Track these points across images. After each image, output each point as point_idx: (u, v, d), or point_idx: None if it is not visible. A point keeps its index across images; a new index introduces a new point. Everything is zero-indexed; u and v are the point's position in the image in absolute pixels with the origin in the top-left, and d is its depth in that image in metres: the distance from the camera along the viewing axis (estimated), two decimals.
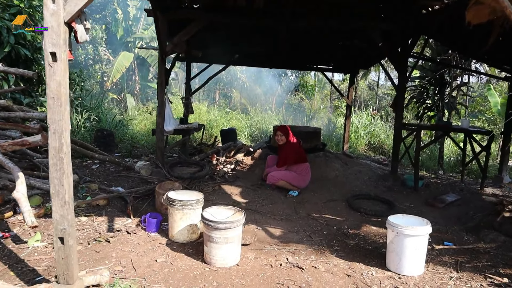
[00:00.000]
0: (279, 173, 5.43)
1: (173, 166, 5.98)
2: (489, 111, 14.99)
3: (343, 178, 6.18)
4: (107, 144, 7.66)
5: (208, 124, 11.42)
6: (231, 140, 8.41)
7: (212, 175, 5.99)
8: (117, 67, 17.57)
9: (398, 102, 5.83)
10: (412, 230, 3.07)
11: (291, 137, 5.53)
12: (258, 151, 6.92)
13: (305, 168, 5.50)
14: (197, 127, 6.74)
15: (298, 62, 7.93)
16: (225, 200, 5.08)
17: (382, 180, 6.21)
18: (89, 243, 3.51)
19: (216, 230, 3.11)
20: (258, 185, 5.74)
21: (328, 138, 11.20)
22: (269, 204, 5.02)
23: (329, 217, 4.63)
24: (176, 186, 4.62)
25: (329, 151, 7.13)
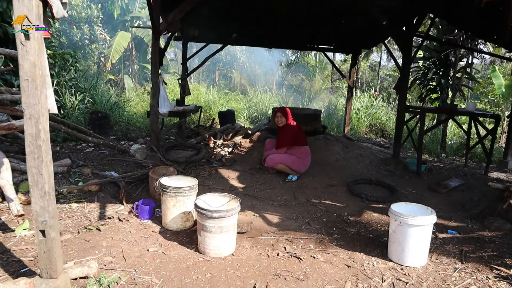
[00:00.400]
0: (278, 157, 5.27)
1: (168, 149, 5.81)
2: (492, 93, 14.70)
3: (344, 162, 6.02)
4: (102, 127, 7.47)
5: (206, 106, 11.20)
6: (230, 122, 8.21)
7: (209, 158, 5.83)
8: (115, 47, 17.16)
9: (402, 84, 5.60)
10: (416, 220, 2.92)
11: (290, 120, 5.35)
12: (257, 134, 6.74)
13: (305, 152, 5.34)
14: (194, 109, 6.54)
15: (299, 42, 7.65)
16: (222, 184, 4.93)
17: (384, 164, 6.05)
18: (79, 231, 3.37)
19: (210, 219, 2.97)
20: (256, 169, 5.59)
21: (328, 120, 11.00)
22: (267, 189, 4.88)
23: (329, 203, 4.49)
24: (170, 171, 4.46)
25: (329, 134, 6.94)
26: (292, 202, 4.49)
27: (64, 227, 3.43)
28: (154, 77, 5.21)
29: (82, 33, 15.70)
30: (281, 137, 5.35)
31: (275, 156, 5.27)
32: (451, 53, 7.89)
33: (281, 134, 5.37)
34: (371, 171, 5.76)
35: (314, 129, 6.51)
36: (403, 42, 5.44)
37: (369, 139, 10.29)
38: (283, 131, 5.34)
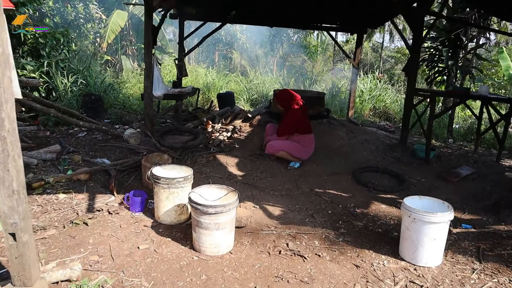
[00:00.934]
0: (279, 143, 4.98)
1: (164, 134, 5.52)
2: (496, 75, 14.25)
3: (348, 148, 5.72)
4: (95, 110, 7.15)
5: (205, 87, 10.83)
6: (229, 105, 7.89)
7: (206, 144, 5.54)
8: (111, 27, 16.55)
9: (412, 66, 5.25)
10: (432, 217, 2.65)
11: (293, 103, 5.02)
12: (257, 118, 6.43)
13: (309, 139, 5.04)
14: (191, 91, 6.20)
15: (301, 20, 7.22)
16: (220, 172, 4.67)
17: (391, 150, 5.76)
18: (64, 226, 3.12)
19: (205, 214, 2.70)
20: (257, 155, 5.31)
21: (331, 102, 10.65)
22: (268, 177, 4.61)
23: (333, 193, 4.23)
24: (164, 159, 4.18)
25: (333, 117, 6.63)
26: (294, 191, 4.23)
27: (49, 221, 3.18)
28: (148, 57, 4.87)
29: (76, 12, 15.13)
30: (282, 123, 5.05)
31: (276, 142, 4.98)
32: (461, 33, 7.49)
33: (283, 120, 5.06)
34: (377, 158, 5.48)
35: (317, 112, 6.19)
36: (414, 20, 5.06)
37: (373, 122, 9.97)
38: (285, 117, 5.04)
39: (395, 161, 5.41)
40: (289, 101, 5.08)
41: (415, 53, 5.22)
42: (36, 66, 7.07)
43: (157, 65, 4.92)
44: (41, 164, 4.62)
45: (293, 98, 5.06)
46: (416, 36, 5.10)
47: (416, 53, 5.20)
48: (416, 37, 5.10)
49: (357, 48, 7.44)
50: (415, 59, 5.21)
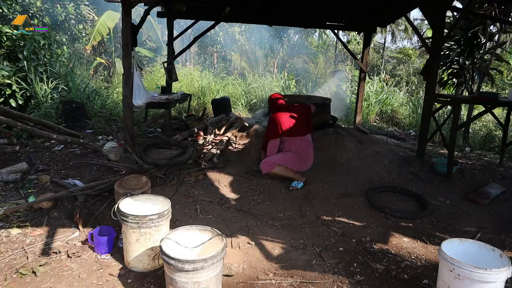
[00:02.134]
0: (273, 158, 4.35)
1: (148, 148, 4.84)
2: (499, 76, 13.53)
3: (359, 162, 5.04)
4: (76, 119, 6.50)
5: (200, 92, 10.15)
6: (224, 112, 7.22)
7: (196, 159, 4.87)
8: (98, 28, 15.86)
9: (432, 68, 4.57)
10: (485, 274, 1.96)
11: (274, 107, 4.65)
12: (255, 127, 5.75)
13: (304, 143, 4.44)
14: (180, 98, 5.52)
15: (303, 18, 6.55)
16: (211, 194, 4.00)
17: (407, 165, 5.08)
18: (6, 277, 2.45)
19: (181, 272, 2.03)
20: (254, 172, 4.64)
21: (335, 108, 9.96)
22: (266, 200, 3.93)
23: (344, 222, 3.54)
24: (142, 182, 3.50)
25: (340, 126, 5.95)
26: (298, 220, 3.55)
27: None
28: (126, 60, 4.20)
29: (67, 12, 14.49)
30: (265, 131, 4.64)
31: (269, 158, 4.34)
32: (479, 31, 6.80)
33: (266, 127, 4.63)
34: (392, 174, 4.79)
35: (322, 121, 5.52)
36: (436, 16, 4.39)
37: (381, 128, 9.28)
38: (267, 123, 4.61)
39: (413, 178, 4.72)
40: (271, 106, 4.68)
41: (435, 54, 4.54)
42: (12, 71, 6.41)
43: (137, 70, 4.26)
44: (1, 186, 3.97)
45: (274, 101, 4.64)
46: (438, 35, 4.42)
47: (437, 54, 4.52)
48: (437, 35, 4.42)
49: (365, 48, 6.75)
50: (436, 61, 4.52)
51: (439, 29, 4.40)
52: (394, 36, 40.11)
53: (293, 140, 4.33)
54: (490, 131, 7.79)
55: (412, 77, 23.79)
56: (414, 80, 22.62)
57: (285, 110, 4.50)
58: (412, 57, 29.70)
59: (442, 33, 4.44)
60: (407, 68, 27.07)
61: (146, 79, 11.73)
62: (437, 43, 4.48)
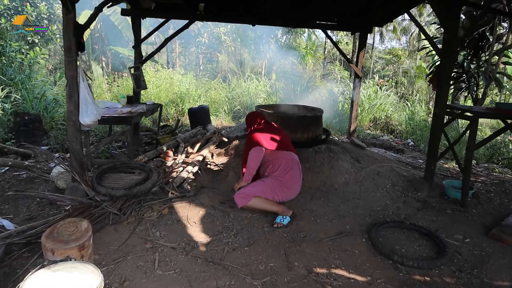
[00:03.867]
0: (248, 188, 3.50)
1: (104, 174, 4.00)
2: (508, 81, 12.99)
3: (357, 186, 4.28)
4: (30, 134, 5.61)
5: (178, 98, 9.28)
6: (202, 123, 6.40)
7: (163, 185, 4.04)
8: None
9: (444, 74, 3.82)
10: None
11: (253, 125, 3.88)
12: (235, 143, 4.94)
13: (288, 163, 3.56)
14: (145, 111, 4.67)
15: (291, 17, 5.76)
16: (175, 236, 3.19)
17: (413, 189, 4.33)
18: None
19: None
20: (231, 202, 3.83)
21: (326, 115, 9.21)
22: (244, 245, 3.12)
23: (344, 276, 2.76)
24: (81, 231, 2.66)
25: (333, 141, 5.17)
26: (284, 275, 2.75)
27: None
28: (69, 69, 3.35)
29: (38, 11, 13.47)
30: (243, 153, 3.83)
31: (243, 189, 3.50)
32: (486, 31, 6.11)
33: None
34: (396, 202, 4.03)
35: (313, 137, 4.74)
36: (448, 11, 3.64)
37: (375, 137, 8.56)
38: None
39: (422, 207, 3.97)
40: (249, 123, 3.93)
41: (447, 58, 3.79)
42: None
43: (84, 80, 3.41)
44: None
45: (252, 119, 3.91)
46: (449, 33, 3.68)
47: (449, 57, 3.77)
48: (450, 35, 3.67)
49: (360, 51, 5.99)
50: (448, 66, 3.78)
51: (452, 28, 3.65)
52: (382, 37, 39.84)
53: (276, 157, 3.52)
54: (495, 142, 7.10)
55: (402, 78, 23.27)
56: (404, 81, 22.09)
57: (267, 128, 3.71)
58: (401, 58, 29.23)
59: (456, 32, 3.69)
60: (396, 68, 26.65)
61: (122, 84, 10.81)
62: (450, 45, 3.73)
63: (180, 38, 21.43)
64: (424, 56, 28.88)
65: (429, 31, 20.36)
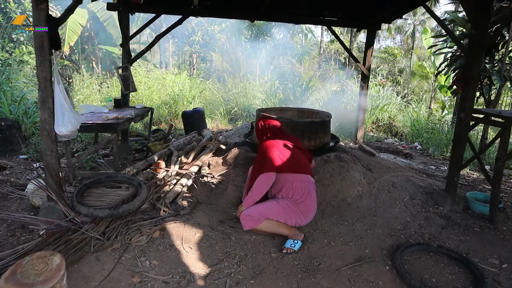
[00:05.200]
0: (258, 209, 3.00)
1: (86, 189, 3.51)
2: None
3: (371, 200, 3.83)
4: (6, 141, 5.10)
5: (171, 100, 8.78)
6: (197, 128, 5.92)
7: (154, 201, 3.56)
8: (70, 26, 14.32)
9: (472, 75, 3.39)
10: None
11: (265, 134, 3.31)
12: (234, 151, 4.47)
13: (303, 185, 3.04)
14: (134, 116, 4.16)
15: (294, 12, 5.27)
16: (168, 266, 2.71)
17: (433, 203, 3.89)
18: None
19: None
20: (231, 222, 3.38)
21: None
22: (249, 277, 2.65)
23: None
24: (51, 269, 2.19)
25: (341, 148, 4.72)
26: None
27: None
28: (42, 69, 2.86)
29: (23, 9, 12.86)
30: (252, 167, 3.27)
31: (253, 209, 2.99)
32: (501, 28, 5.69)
33: (254, 161, 3.29)
34: (417, 219, 3.58)
35: (321, 144, 4.29)
36: (479, 4, 3.21)
37: (379, 140, 8.14)
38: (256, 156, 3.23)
39: (446, 224, 3.53)
40: (261, 131, 3.34)
41: (477, 56, 3.35)
42: None
43: (60, 84, 2.92)
44: None
45: (265, 125, 3.33)
46: (481, 30, 3.24)
47: (479, 56, 3.34)
48: (480, 31, 3.24)
49: (368, 49, 5.55)
50: (477, 65, 3.34)
51: (483, 23, 3.22)
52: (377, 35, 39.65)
53: (291, 180, 3.02)
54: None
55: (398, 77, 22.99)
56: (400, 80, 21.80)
57: (281, 137, 3.21)
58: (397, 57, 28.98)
59: (486, 26, 3.26)
60: (391, 67, 26.42)
61: (113, 85, 10.28)
62: (480, 42, 3.29)
63: (173, 37, 20.88)
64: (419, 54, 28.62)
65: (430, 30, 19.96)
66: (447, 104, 12.66)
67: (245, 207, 3.02)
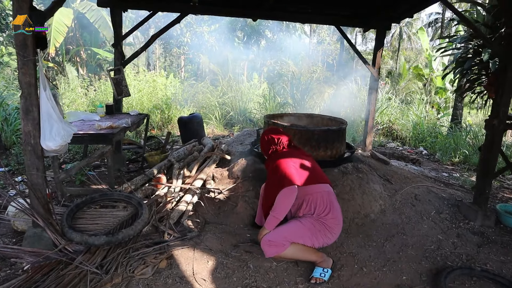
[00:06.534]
0: (279, 232, 2.58)
1: (78, 210, 3.06)
2: None
3: (397, 216, 3.49)
4: None
5: (164, 105, 8.31)
6: (195, 135, 5.50)
7: (156, 223, 3.14)
8: (55, 27, 13.67)
9: (508, 78, 3.09)
10: None
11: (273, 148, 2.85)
12: (241, 162, 4.07)
13: (324, 197, 2.65)
14: (130, 125, 3.70)
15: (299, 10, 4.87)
16: None
17: (461, 217, 3.58)
18: None
19: None
20: (247, 245, 2.98)
21: None
22: None
23: None
24: None
25: (356, 157, 4.37)
26: None
27: None
28: (24, 73, 2.42)
29: (2, 7, 12.18)
30: (266, 188, 2.79)
31: (275, 234, 2.57)
32: None
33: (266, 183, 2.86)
34: (450, 237, 3.25)
35: (338, 154, 3.93)
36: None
37: (382, 145, 7.86)
38: (268, 175, 2.81)
39: (481, 241, 3.21)
40: (268, 147, 2.87)
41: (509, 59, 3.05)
42: None
43: (47, 89, 2.48)
44: None
45: (273, 141, 2.85)
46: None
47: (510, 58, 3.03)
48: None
49: (378, 50, 5.23)
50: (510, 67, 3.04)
51: None
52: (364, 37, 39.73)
53: (310, 192, 2.62)
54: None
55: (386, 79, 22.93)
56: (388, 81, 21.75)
57: (296, 156, 2.78)
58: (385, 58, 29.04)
59: None
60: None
61: (100, 88, 9.74)
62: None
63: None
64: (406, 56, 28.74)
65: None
66: (442, 106, 12.54)
67: (268, 230, 2.63)
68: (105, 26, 13.63)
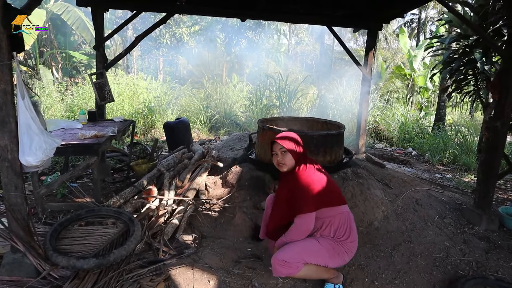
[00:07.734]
0: (295, 252, 2.34)
1: (64, 229, 2.78)
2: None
3: (400, 222, 3.37)
4: None
5: (147, 109, 7.99)
6: (182, 141, 5.25)
7: (150, 240, 2.89)
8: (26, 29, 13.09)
9: (510, 80, 3.01)
10: None
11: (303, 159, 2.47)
12: (235, 170, 3.86)
13: (342, 218, 2.43)
14: (116, 134, 3.43)
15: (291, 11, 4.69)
16: None
17: (465, 221, 3.49)
18: None
19: None
20: (249, 261, 2.77)
21: None
22: None
23: None
24: None
25: (354, 162, 4.23)
26: None
27: None
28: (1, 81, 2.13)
29: None
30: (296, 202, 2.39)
31: (290, 253, 2.32)
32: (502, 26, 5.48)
33: (292, 197, 2.41)
34: (457, 243, 3.15)
35: (337, 159, 3.78)
36: None
37: (371, 146, 7.80)
38: (289, 184, 2.46)
39: (488, 247, 3.12)
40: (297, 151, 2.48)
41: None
42: None
43: (25, 98, 2.21)
44: None
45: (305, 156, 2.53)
46: None
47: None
48: None
49: (369, 50, 5.13)
50: None
51: None
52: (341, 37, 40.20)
53: (329, 214, 2.40)
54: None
55: None
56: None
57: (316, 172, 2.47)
58: None
59: None
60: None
61: (77, 93, 9.29)
62: None
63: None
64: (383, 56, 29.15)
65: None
66: (424, 106, 12.68)
67: (276, 246, 2.45)
68: (84, 27, 13.10)
